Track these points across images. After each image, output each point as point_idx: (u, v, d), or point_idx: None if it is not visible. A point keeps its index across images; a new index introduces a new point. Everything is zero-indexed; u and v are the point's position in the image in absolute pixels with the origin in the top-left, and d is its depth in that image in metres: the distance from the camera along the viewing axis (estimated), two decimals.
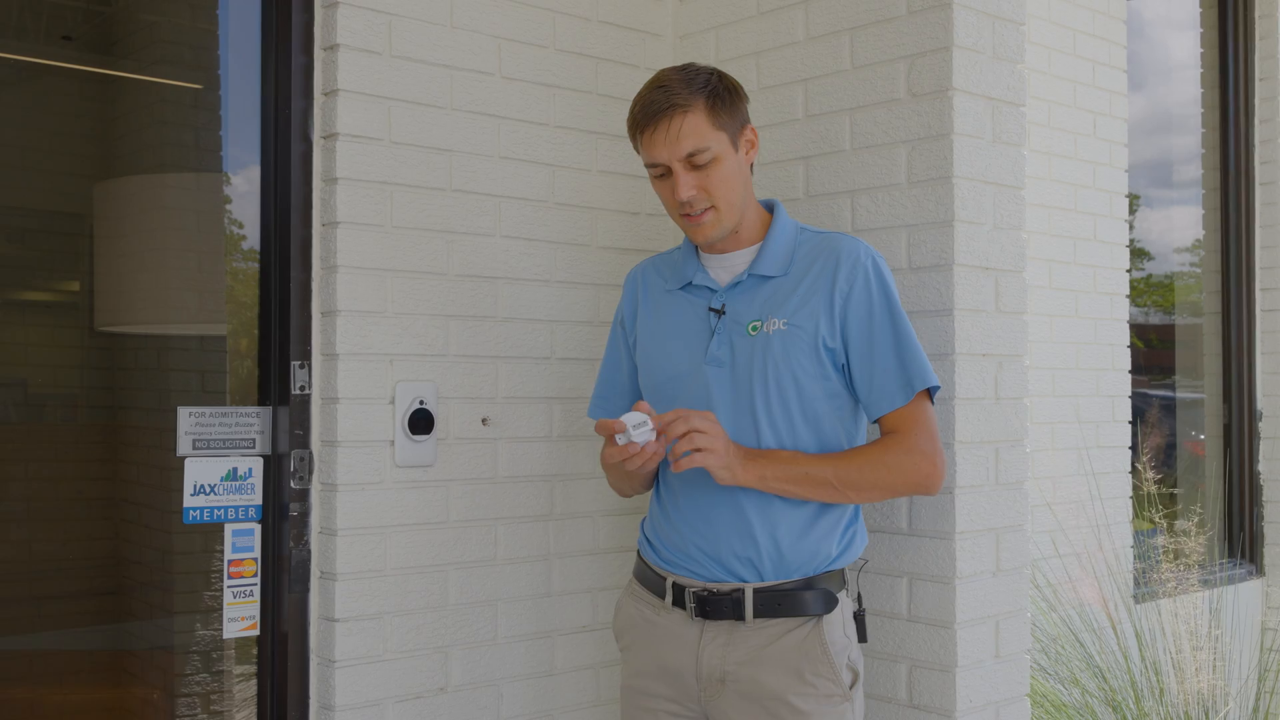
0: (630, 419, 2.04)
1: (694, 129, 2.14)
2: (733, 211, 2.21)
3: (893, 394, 2.16)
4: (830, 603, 2.16)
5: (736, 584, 2.17)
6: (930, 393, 2.19)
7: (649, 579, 2.29)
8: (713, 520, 2.20)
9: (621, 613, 2.35)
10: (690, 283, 2.30)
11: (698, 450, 2.05)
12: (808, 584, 2.17)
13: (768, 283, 2.23)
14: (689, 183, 2.16)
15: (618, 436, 2.05)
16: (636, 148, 2.23)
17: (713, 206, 2.19)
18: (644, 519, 2.38)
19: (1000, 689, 2.51)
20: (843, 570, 2.22)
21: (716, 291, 2.27)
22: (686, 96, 2.14)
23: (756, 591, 2.16)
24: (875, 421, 2.22)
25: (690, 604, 2.20)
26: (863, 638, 2.22)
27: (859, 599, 2.29)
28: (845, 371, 2.20)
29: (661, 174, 2.20)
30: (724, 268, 2.28)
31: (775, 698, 2.12)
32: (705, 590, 2.19)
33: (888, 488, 2.18)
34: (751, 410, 2.18)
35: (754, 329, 2.20)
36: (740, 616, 2.16)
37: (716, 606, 2.17)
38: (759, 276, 2.23)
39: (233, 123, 2.76)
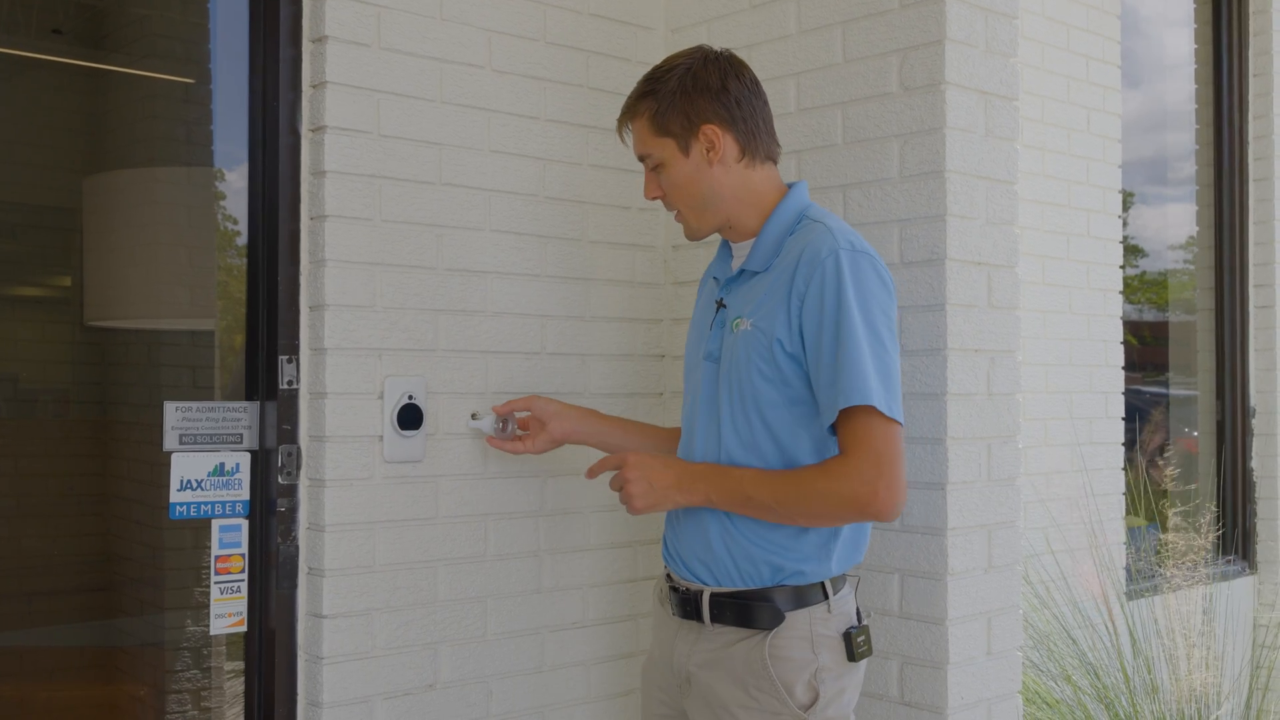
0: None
1: (640, 135, 2.21)
2: (696, 215, 2.20)
3: (830, 407, 2.00)
4: (775, 618, 2.07)
5: (699, 585, 2.17)
6: (884, 412, 1.98)
7: (665, 568, 2.32)
8: (681, 520, 2.22)
9: (653, 595, 2.39)
10: (713, 273, 2.32)
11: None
12: (758, 595, 2.09)
13: (754, 278, 2.18)
14: (652, 184, 2.23)
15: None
16: None
17: (676, 210, 2.23)
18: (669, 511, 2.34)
19: (992, 686, 2.50)
20: (820, 584, 2.10)
21: (722, 284, 2.25)
22: (635, 102, 2.20)
23: (712, 595, 2.13)
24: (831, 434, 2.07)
25: (670, 599, 2.23)
26: (851, 657, 2.09)
27: (858, 615, 2.16)
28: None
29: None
30: (737, 258, 2.26)
31: (723, 706, 2.10)
32: (680, 587, 2.21)
33: (829, 514, 2.03)
34: (717, 412, 2.15)
35: (735, 326, 2.15)
36: (701, 619, 2.15)
37: (686, 606, 2.18)
38: (749, 271, 2.20)
39: (222, 116, 2.75)
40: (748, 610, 2.10)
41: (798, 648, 2.07)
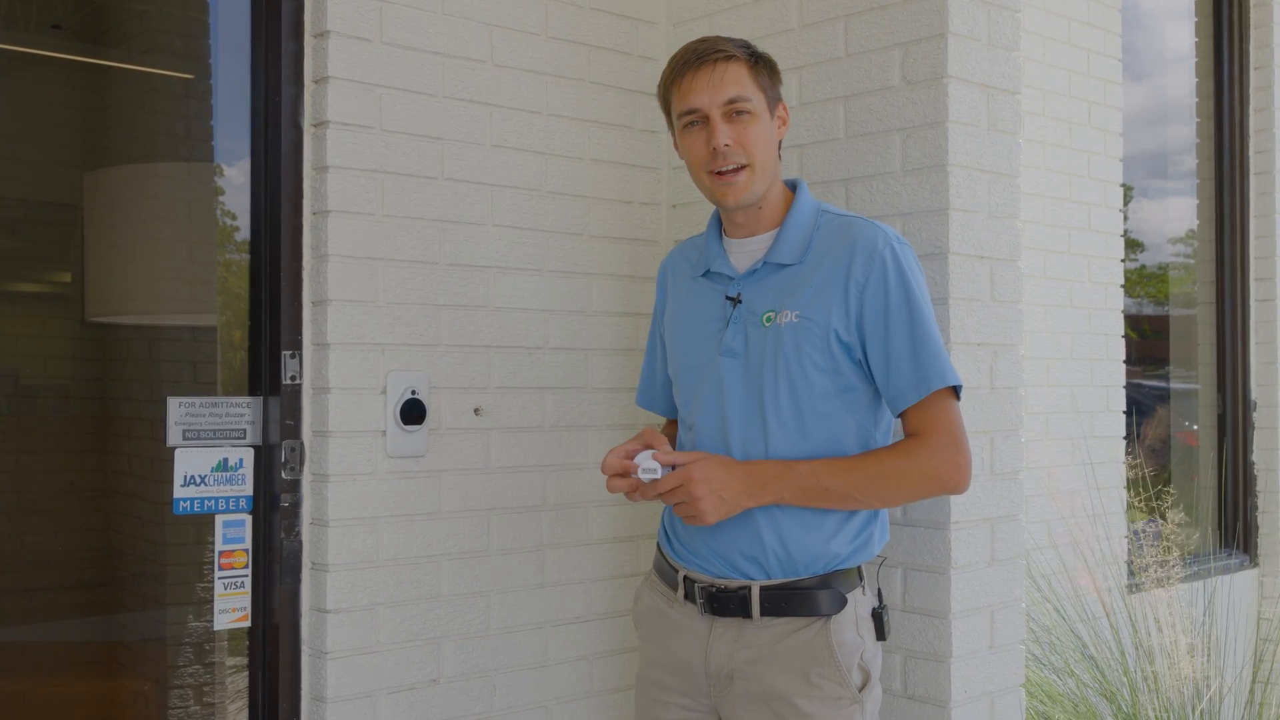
0: (642, 462, 2.06)
1: (737, 78, 2.14)
2: (765, 173, 2.17)
3: (907, 392, 2.08)
4: (839, 603, 2.10)
5: (744, 581, 2.14)
6: (957, 390, 2.11)
7: (665, 571, 2.27)
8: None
9: (640, 602, 2.34)
10: (710, 270, 2.27)
11: (690, 517, 2.07)
12: (817, 583, 2.11)
13: (783, 271, 2.17)
14: (726, 132, 2.13)
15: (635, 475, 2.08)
16: (669, 99, 2.20)
17: (747, 165, 2.15)
18: (665, 509, 2.32)
19: (995, 679, 2.50)
20: (858, 568, 2.15)
21: (734, 279, 2.22)
22: (732, 49, 2.16)
23: (763, 589, 2.11)
24: (898, 417, 2.15)
25: (700, 599, 2.17)
26: (881, 635, 2.15)
27: (879, 595, 2.21)
28: (864, 365, 2.13)
29: (694, 122, 2.16)
30: (744, 253, 2.23)
31: (781, 699, 2.09)
32: (714, 586, 2.16)
33: (910, 493, 2.13)
34: (760, 404, 2.13)
35: (768, 320, 2.14)
36: (748, 614, 2.12)
37: (725, 603, 2.14)
38: (774, 264, 2.18)
39: (223, 112, 2.75)
40: (806, 599, 2.10)
41: (849, 631, 2.11)
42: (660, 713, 2.24)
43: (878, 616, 2.15)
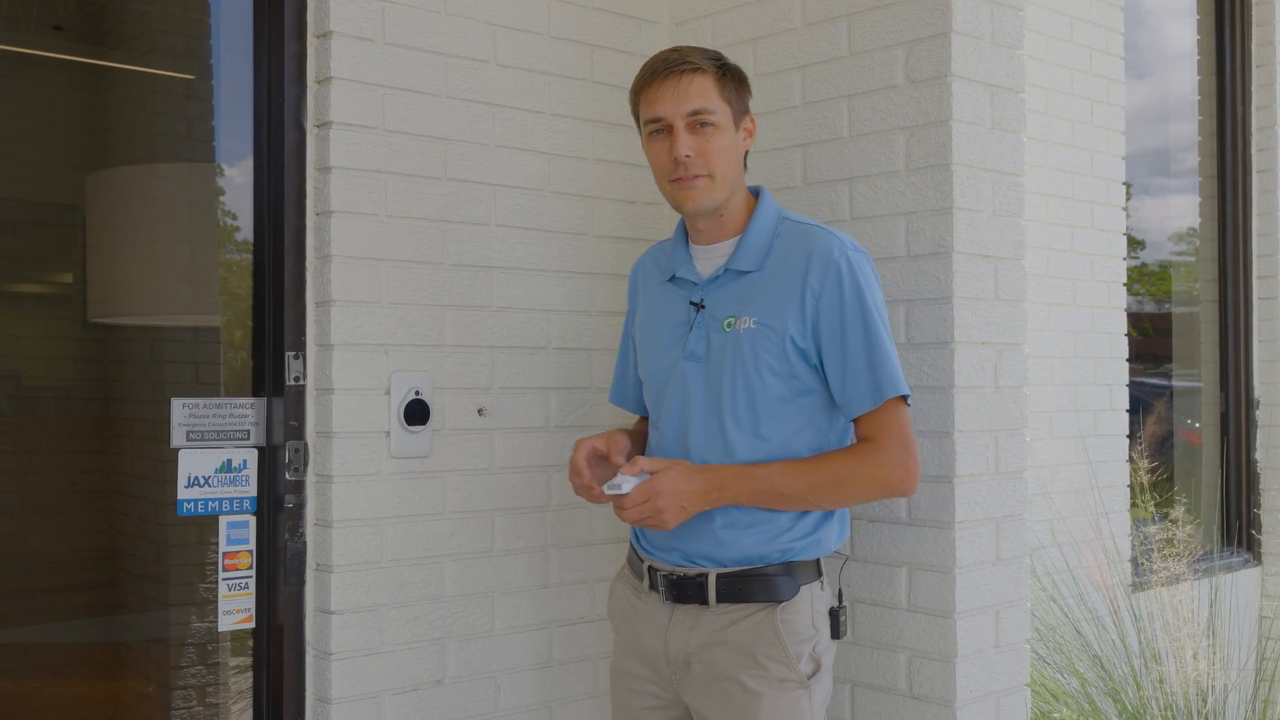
0: (614, 483, 2.12)
1: (703, 90, 2.18)
2: (725, 184, 2.21)
3: (862, 400, 2.14)
4: (793, 590, 2.16)
5: (702, 569, 2.19)
6: (905, 398, 2.17)
7: (633, 562, 2.33)
8: None
9: (613, 596, 2.39)
10: (675, 275, 2.30)
11: (654, 525, 2.12)
12: (772, 570, 2.16)
13: (743, 277, 2.22)
14: (688, 143, 2.18)
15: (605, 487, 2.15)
16: (637, 106, 2.25)
17: (708, 175, 2.19)
18: None
19: (1000, 679, 2.50)
20: (816, 561, 2.21)
21: (697, 285, 2.26)
22: (701, 60, 2.20)
23: (719, 576, 2.17)
24: (851, 422, 2.21)
25: (662, 587, 2.23)
26: (835, 634, 2.20)
27: (840, 595, 2.25)
28: (820, 370, 2.18)
29: (659, 130, 2.21)
30: (707, 259, 2.27)
31: (729, 678, 2.14)
32: (674, 574, 2.22)
33: (862, 496, 2.20)
34: (719, 407, 2.18)
35: (728, 325, 2.19)
36: (705, 601, 2.18)
37: (683, 590, 2.20)
38: (735, 271, 2.22)
39: (225, 112, 2.74)
40: (759, 584, 2.16)
41: (802, 622, 2.16)
42: (632, 700, 2.31)
43: (834, 615, 2.20)
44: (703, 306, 2.24)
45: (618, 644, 2.37)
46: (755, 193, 2.31)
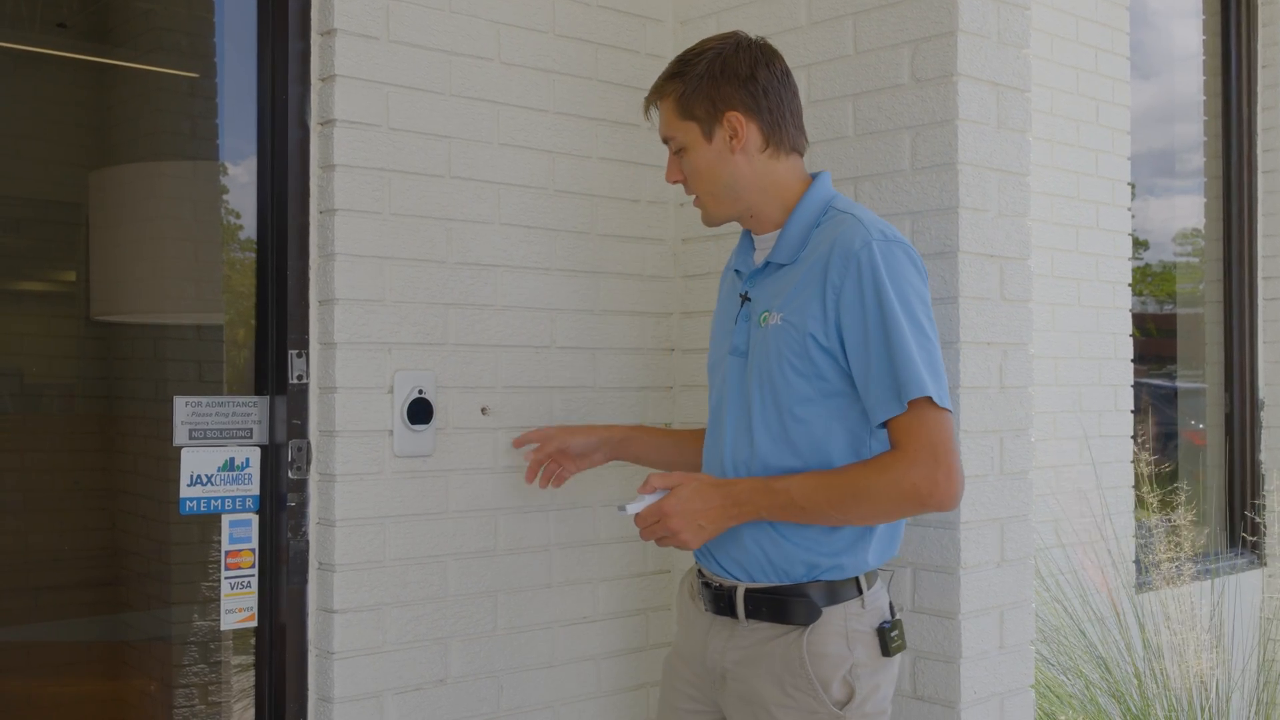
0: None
1: (664, 118, 2.19)
2: (715, 202, 2.17)
3: (887, 403, 1.97)
4: (814, 614, 2.04)
5: (734, 582, 2.14)
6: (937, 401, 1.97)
7: (695, 563, 2.27)
8: None
9: (679, 588, 2.37)
10: (736, 266, 2.28)
11: (674, 545, 2.09)
12: (794, 591, 2.06)
13: (780, 270, 2.13)
14: (672, 166, 2.21)
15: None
16: None
17: (697, 195, 2.20)
18: None
19: (1004, 680, 2.49)
20: (856, 579, 2.08)
21: (747, 276, 2.21)
22: (663, 83, 2.18)
23: (747, 592, 2.11)
24: (880, 428, 2.03)
25: (703, 595, 2.19)
26: (885, 651, 2.06)
27: (891, 609, 2.13)
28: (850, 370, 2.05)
29: None
30: (760, 250, 2.22)
31: (761, 705, 2.08)
32: (714, 584, 2.17)
33: (889, 511, 2.01)
34: (748, 407, 2.11)
35: (764, 320, 2.12)
36: (735, 615, 2.12)
37: (719, 602, 2.15)
38: (775, 264, 2.15)
39: (229, 110, 2.74)
40: (784, 606, 2.07)
41: (833, 644, 2.04)
42: (677, 699, 2.28)
43: (881, 632, 2.08)
44: (749, 299, 2.18)
45: (676, 637, 2.35)
46: (815, 178, 2.19)
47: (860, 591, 2.08)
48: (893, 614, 2.13)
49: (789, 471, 2.06)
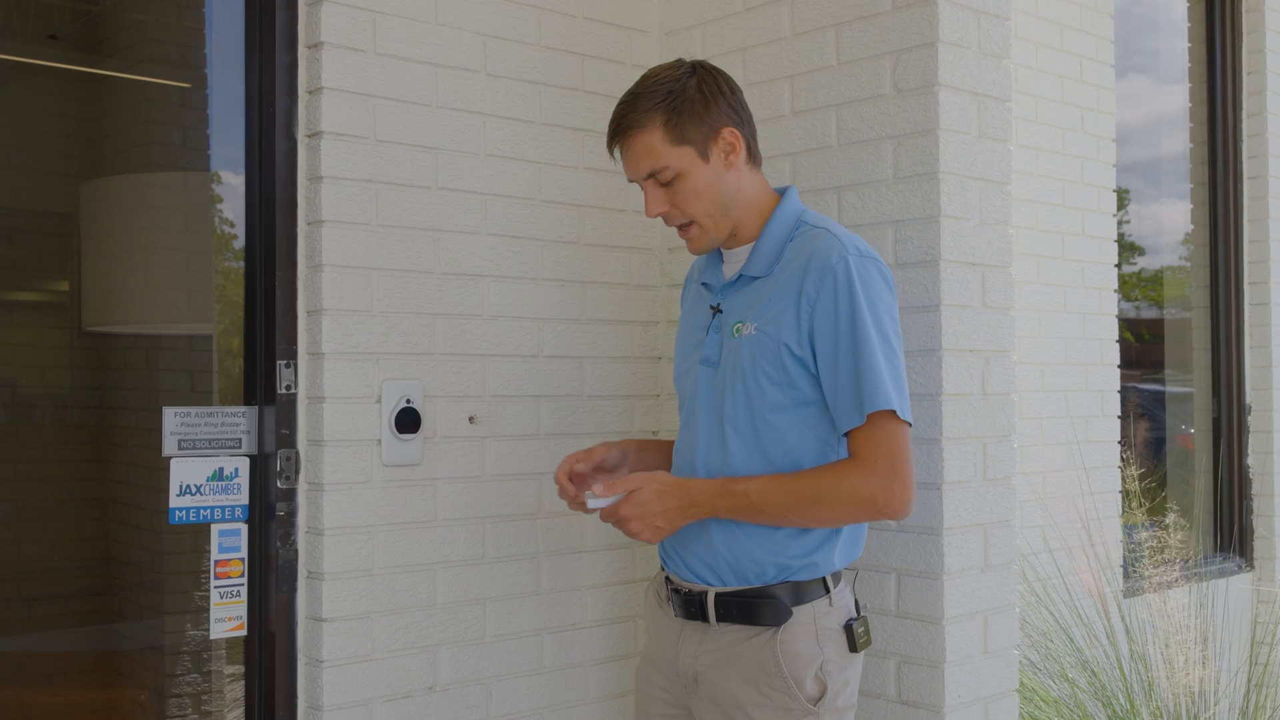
0: (589, 499, 2.15)
1: (648, 149, 2.14)
2: (715, 222, 2.18)
3: (850, 413, 2.05)
4: (784, 614, 2.10)
5: (704, 586, 2.17)
6: (900, 415, 2.04)
7: (662, 570, 2.31)
8: None
9: (646, 596, 2.40)
10: (704, 279, 2.30)
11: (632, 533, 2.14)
12: (763, 593, 2.11)
13: (754, 283, 2.19)
14: (657, 199, 2.18)
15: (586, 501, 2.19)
16: None
17: (692, 221, 2.19)
18: None
19: (989, 684, 2.51)
20: (822, 579, 2.14)
21: (717, 289, 2.25)
22: (642, 114, 2.13)
23: (717, 596, 2.15)
24: (844, 437, 2.11)
25: (673, 601, 2.23)
26: (852, 648, 2.13)
27: (856, 606, 2.20)
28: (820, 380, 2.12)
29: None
30: (731, 263, 2.25)
31: (736, 705, 2.12)
32: (683, 589, 2.21)
33: (844, 515, 2.08)
34: (721, 415, 2.16)
35: (737, 331, 2.16)
36: (706, 619, 2.16)
37: (689, 607, 2.19)
38: (748, 276, 2.20)
39: (219, 121, 2.76)
40: (755, 608, 2.11)
41: (805, 642, 2.10)
42: (649, 705, 2.31)
43: (849, 629, 2.13)
44: (720, 311, 2.23)
45: (645, 646, 2.38)
46: (782, 193, 2.25)
47: (828, 590, 2.14)
48: (858, 611, 2.20)
49: None
